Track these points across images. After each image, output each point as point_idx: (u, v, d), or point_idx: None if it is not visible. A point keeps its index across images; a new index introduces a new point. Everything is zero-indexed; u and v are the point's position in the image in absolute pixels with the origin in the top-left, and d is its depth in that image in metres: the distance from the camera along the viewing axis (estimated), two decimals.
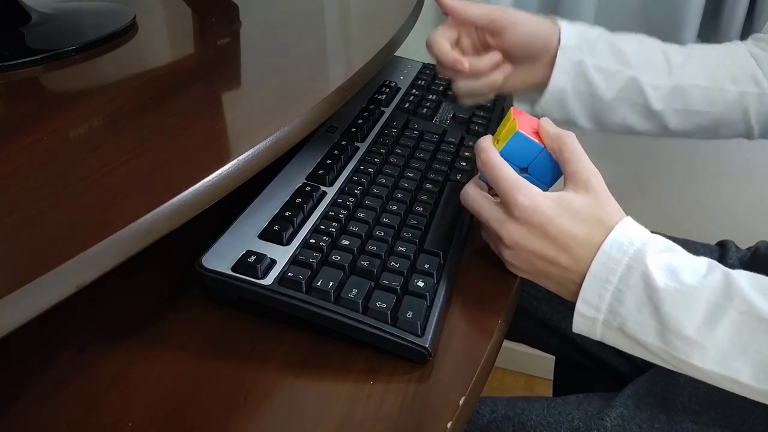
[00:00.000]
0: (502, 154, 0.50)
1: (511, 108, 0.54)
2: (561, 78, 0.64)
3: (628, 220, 0.47)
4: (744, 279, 0.44)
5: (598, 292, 0.45)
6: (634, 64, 0.65)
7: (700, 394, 0.57)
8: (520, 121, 0.51)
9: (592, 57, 0.64)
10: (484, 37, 0.65)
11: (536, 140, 0.51)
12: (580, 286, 0.46)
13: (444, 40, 0.63)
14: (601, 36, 0.66)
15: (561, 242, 0.47)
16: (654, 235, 0.47)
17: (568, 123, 0.68)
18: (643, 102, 0.65)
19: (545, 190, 0.50)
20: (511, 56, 0.65)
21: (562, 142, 0.49)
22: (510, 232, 0.48)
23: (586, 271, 0.46)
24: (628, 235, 0.46)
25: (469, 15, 0.63)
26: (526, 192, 0.47)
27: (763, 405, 0.46)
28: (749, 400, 0.45)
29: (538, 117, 0.60)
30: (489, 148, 0.50)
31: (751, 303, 0.42)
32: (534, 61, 0.65)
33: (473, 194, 0.51)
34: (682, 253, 0.46)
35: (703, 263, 0.45)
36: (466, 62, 0.62)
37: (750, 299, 0.42)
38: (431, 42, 0.63)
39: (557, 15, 0.97)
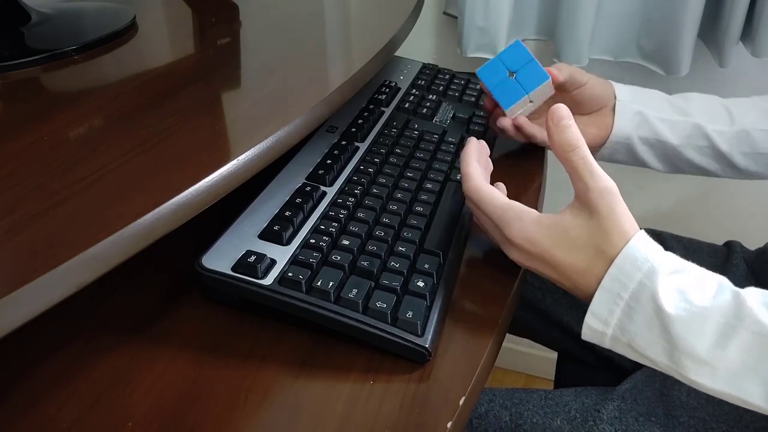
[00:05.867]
0: (500, 56, 0.58)
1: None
2: (624, 125, 0.67)
3: (642, 234, 0.45)
4: (755, 298, 0.43)
5: (609, 306, 0.45)
6: (694, 113, 0.67)
7: (700, 391, 0.57)
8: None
9: (651, 110, 0.67)
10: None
11: (530, 52, 0.58)
12: (590, 295, 0.46)
13: None
14: (656, 93, 0.69)
15: (560, 271, 0.47)
16: (666, 253, 0.45)
17: (639, 165, 0.72)
18: (710, 144, 0.68)
19: (527, 94, 0.61)
20: (578, 107, 0.69)
21: (573, 151, 0.46)
22: (512, 254, 0.49)
23: (593, 290, 0.45)
24: (643, 251, 0.44)
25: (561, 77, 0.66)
26: (518, 224, 0.47)
27: None
28: None
29: (607, 160, 0.70)
30: (476, 181, 0.50)
31: (762, 323, 0.41)
32: (597, 108, 0.69)
33: (477, 210, 0.52)
34: (693, 271, 0.45)
35: (714, 283, 0.45)
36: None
37: (761, 319, 0.41)
38: None
39: (557, 14, 0.98)
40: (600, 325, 0.45)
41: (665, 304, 0.42)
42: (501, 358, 0.52)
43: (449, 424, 0.40)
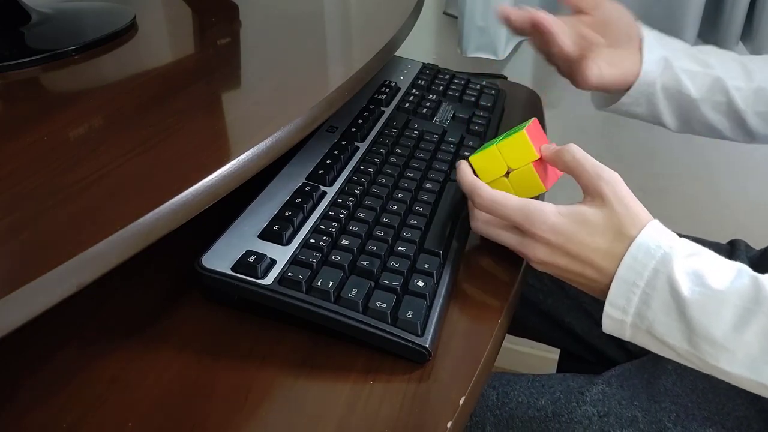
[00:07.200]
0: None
1: (525, 134, 0.52)
2: (651, 69, 0.66)
3: (655, 223, 0.47)
4: None
5: (626, 295, 0.46)
6: (715, 67, 0.66)
7: (686, 380, 0.58)
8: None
9: (675, 58, 0.66)
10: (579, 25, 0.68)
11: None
12: (609, 283, 0.47)
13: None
14: (678, 42, 0.68)
15: (584, 257, 0.47)
16: (681, 238, 0.47)
17: (653, 120, 0.70)
18: (728, 101, 0.67)
19: None
20: (605, 32, 0.67)
21: (563, 159, 0.50)
22: (533, 251, 0.49)
23: (614, 274, 0.46)
24: (655, 238, 0.46)
25: None
26: (539, 216, 0.48)
27: (746, 393, 0.47)
28: (734, 388, 0.45)
29: (624, 112, 0.67)
30: (478, 187, 0.51)
31: None
32: (624, 42, 0.67)
33: (485, 226, 0.53)
34: (710, 256, 0.46)
35: (732, 267, 0.45)
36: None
37: None
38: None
39: (557, 14, 0.97)
40: (619, 314, 0.46)
41: (681, 287, 0.43)
42: (501, 358, 0.52)
43: (449, 424, 0.40)
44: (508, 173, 0.53)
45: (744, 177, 1.12)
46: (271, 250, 0.48)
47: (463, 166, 0.54)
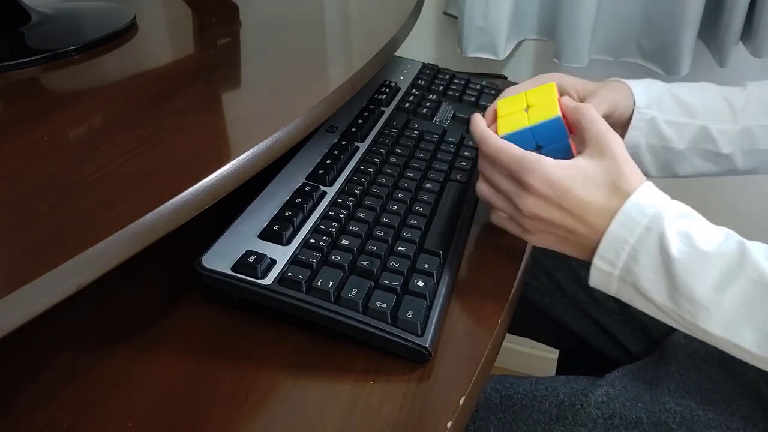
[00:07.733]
0: (533, 129, 0.52)
1: (554, 84, 0.55)
2: (636, 134, 0.67)
3: (649, 184, 0.48)
4: (759, 250, 0.44)
5: (615, 250, 0.47)
6: (700, 114, 0.67)
7: (689, 381, 0.59)
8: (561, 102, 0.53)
9: (660, 112, 0.67)
10: None
11: (567, 128, 0.52)
12: (598, 243, 0.47)
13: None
14: (666, 90, 0.68)
15: (578, 211, 0.48)
16: (674, 201, 0.48)
17: None
18: (714, 148, 0.68)
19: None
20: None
21: (580, 113, 0.50)
22: (527, 204, 0.49)
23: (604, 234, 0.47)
24: (649, 198, 0.47)
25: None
26: (537, 167, 0.48)
27: (749, 392, 0.47)
28: (738, 388, 0.45)
29: None
30: (486, 135, 0.52)
31: (762, 272, 0.43)
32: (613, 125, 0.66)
33: (489, 168, 0.52)
34: (701, 220, 0.47)
35: (721, 232, 0.46)
36: None
37: (762, 269, 0.43)
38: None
39: (557, 14, 0.98)
40: (608, 266, 0.47)
41: (671, 247, 0.44)
42: (501, 358, 0.52)
43: (449, 424, 0.40)
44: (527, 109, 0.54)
45: (742, 177, 1.12)
46: (271, 250, 0.48)
47: (476, 116, 0.54)
